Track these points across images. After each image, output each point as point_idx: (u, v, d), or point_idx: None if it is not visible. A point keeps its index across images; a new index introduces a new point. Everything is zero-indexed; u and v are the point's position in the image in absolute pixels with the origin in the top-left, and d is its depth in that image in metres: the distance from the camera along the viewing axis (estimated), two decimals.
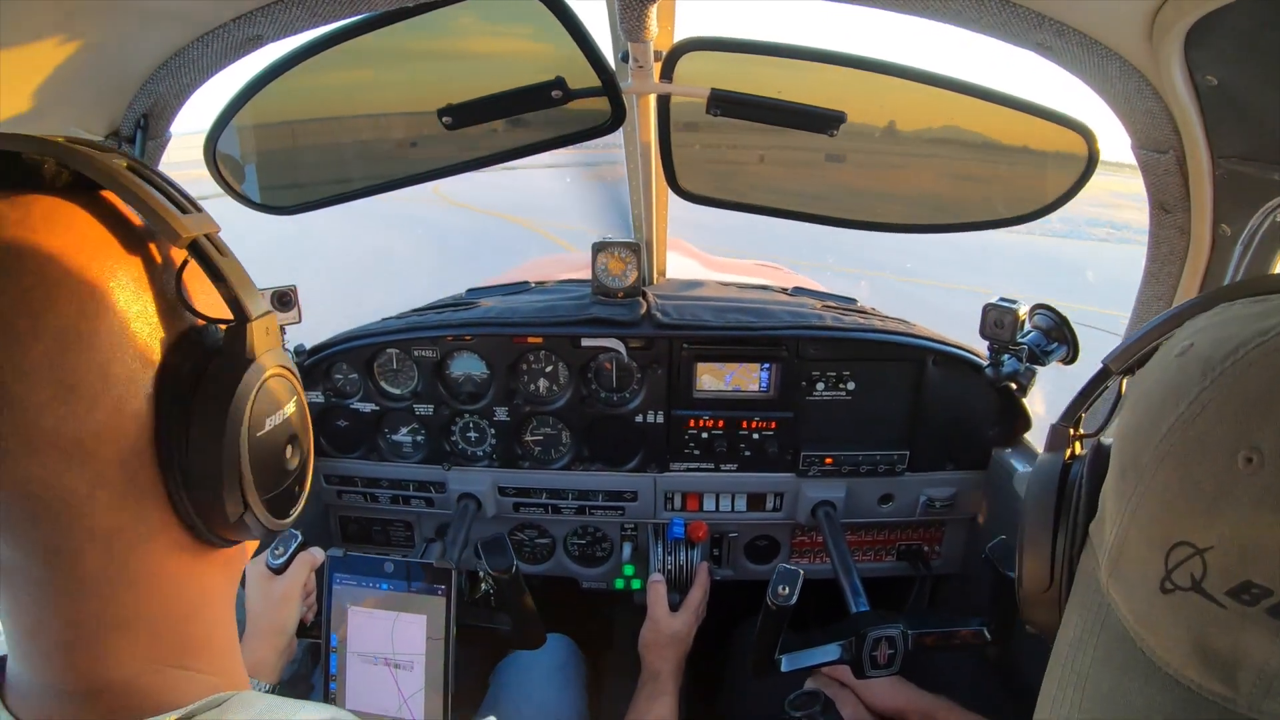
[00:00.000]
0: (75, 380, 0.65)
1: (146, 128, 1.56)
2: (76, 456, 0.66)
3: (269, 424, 0.78)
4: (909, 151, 2.03)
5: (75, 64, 1.32)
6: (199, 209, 0.76)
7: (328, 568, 1.76)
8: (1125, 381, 0.86)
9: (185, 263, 0.75)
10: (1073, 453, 0.92)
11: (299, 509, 0.87)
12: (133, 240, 0.71)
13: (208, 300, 0.77)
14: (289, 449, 0.82)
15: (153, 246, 0.73)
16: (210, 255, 0.75)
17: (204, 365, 0.73)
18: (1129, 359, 0.83)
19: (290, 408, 0.82)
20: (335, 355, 2.47)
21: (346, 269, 13.22)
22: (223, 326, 0.76)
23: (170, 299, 0.73)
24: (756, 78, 1.78)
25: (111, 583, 0.71)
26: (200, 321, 0.76)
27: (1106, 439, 0.75)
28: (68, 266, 0.65)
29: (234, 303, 0.75)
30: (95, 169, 0.69)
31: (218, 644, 0.83)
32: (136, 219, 0.73)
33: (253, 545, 0.89)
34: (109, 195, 0.72)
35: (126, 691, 0.73)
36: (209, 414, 0.72)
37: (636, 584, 2.61)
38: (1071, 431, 0.93)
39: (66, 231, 0.67)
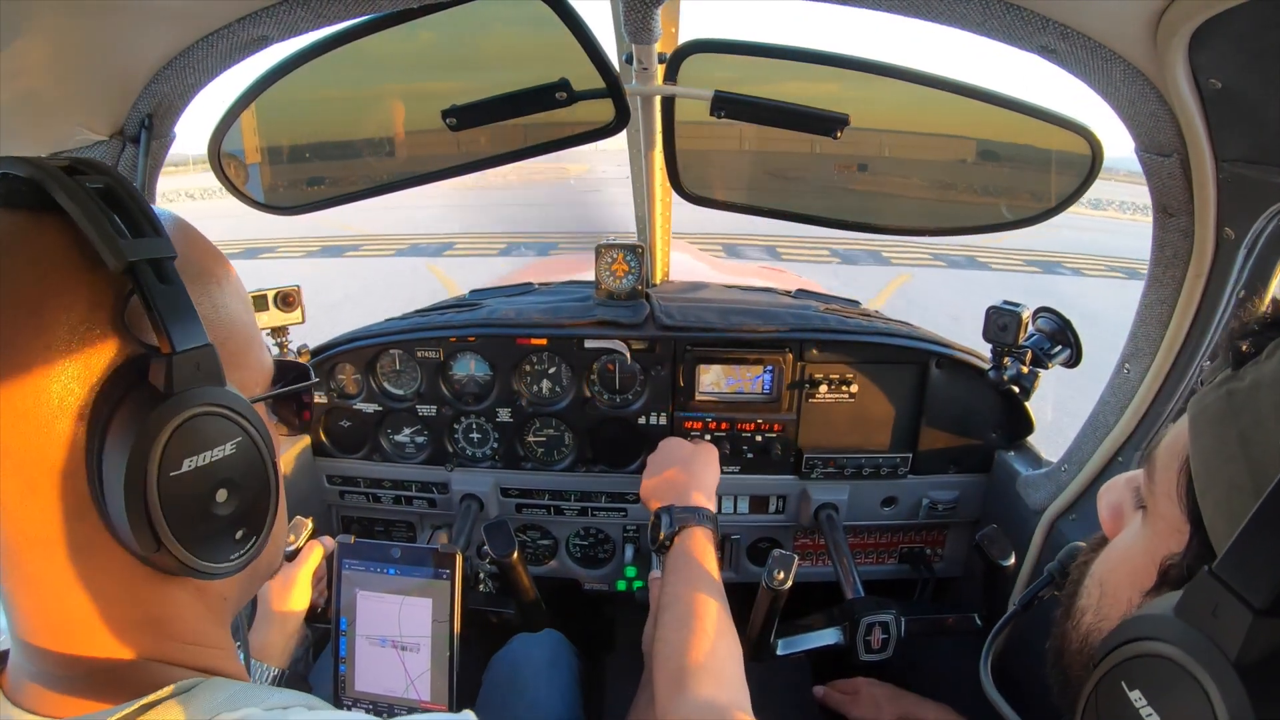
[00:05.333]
0: (7, 395, 0.67)
1: (151, 127, 1.56)
2: (8, 466, 0.68)
3: (187, 465, 0.74)
4: (912, 154, 2.03)
5: (80, 63, 1.32)
6: (159, 233, 0.75)
7: (337, 554, 1.79)
8: None
9: (132, 289, 0.73)
10: None
11: (247, 553, 0.83)
12: (88, 263, 0.72)
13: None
14: (220, 492, 0.79)
15: (108, 270, 0.72)
16: (145, 282, 0.72)
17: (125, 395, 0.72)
18: None
19: (227, 450, 0.79)
20: (338, 355, 2.47)
21: None
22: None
23: (123, 323, 0.73)
24: (760, 80, 1.78)
25: (59, 586, 0.74)
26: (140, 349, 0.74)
27: None
28: (10, 286, 0.68)
29: (160, 333, 0.72)
30: (53, 189, 0.70)
31: (203, 642, 0.84)
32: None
33: (224, 582, 0.86)
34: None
35: (107, 679, 0.76)
36: (115, 447, 0.71)
37: (639, 585, 2.61)
38: None
39: (22, 250, 0.69)
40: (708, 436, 2.47)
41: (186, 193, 30.08)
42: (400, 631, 1.76)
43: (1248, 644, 0.59)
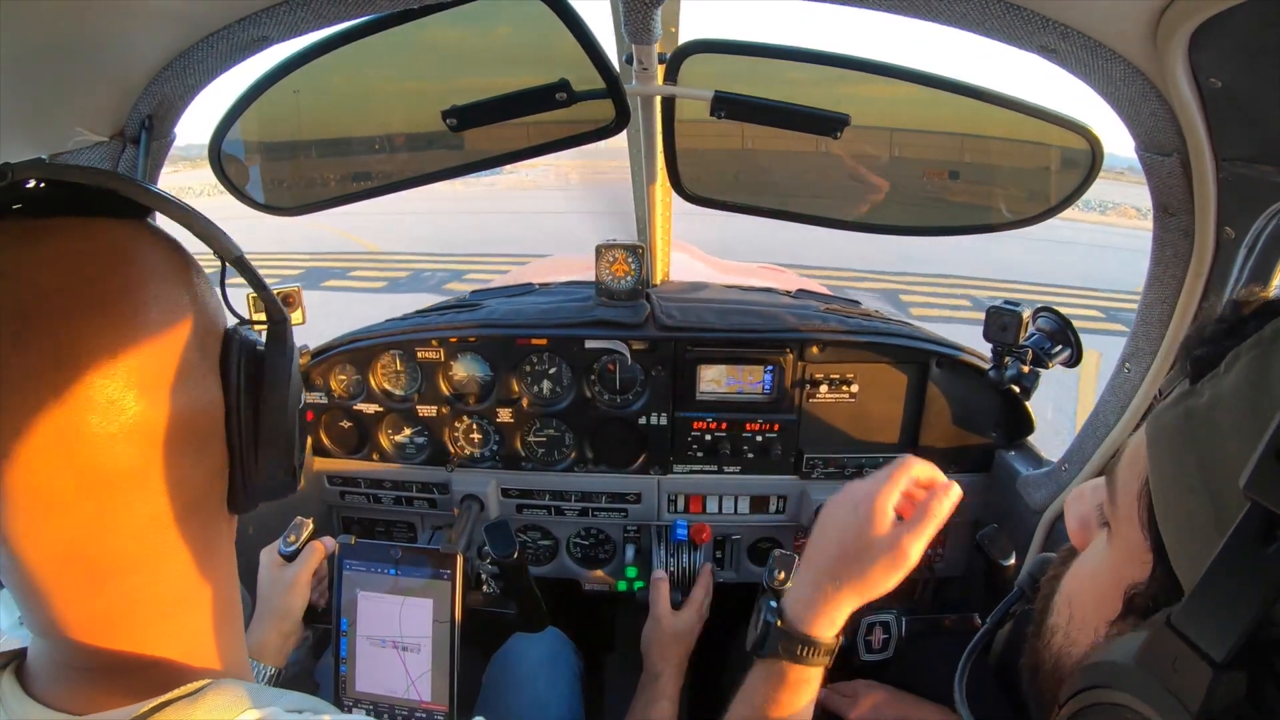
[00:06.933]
0: (170, 400, 0.75)
1: (151, 128, 1.56)
2: (172, 436, 0.76)
3: (303, 398, 0.93)
4: (913, 154, 2.03)
5: (80, 64, 1.32)
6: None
7: (338, 555, 1.80)
8: None
9: (223, 274, 0.89)
10: None
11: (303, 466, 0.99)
12: (183, 259, 0.82)
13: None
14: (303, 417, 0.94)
15: (191, 263, 0.83)
16: (250, 268, 0.86)
17: (255, 355, 0.85)
18: None
19: (295, 379, 0.93)
20: (338, 356, 2.47)
21: None
22: (257, 326, 0.89)
23: (212, 306, 0.84)
24: (761, 80, 1.78)
25: (170, 567, 0.80)
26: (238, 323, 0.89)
27: None
28: (147, 296, 0.75)
29: (273, 305, 0.88)
30: (150, 200, 0.78)
31: (225, 628, 0.88)
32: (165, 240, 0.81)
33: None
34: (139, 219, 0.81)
35: (133, 674, 0.78)
36: (277, 391, 0.85)
37: (639, 585, 2.61)
38: None
39: (144, 260, 0.77)
40: (708, 437, 2.48)
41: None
42: (401, 632, 1.76)
43: (1209, 698, 0.58)
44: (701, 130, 2.03)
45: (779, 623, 1.34)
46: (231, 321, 0.88)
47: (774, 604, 1.35)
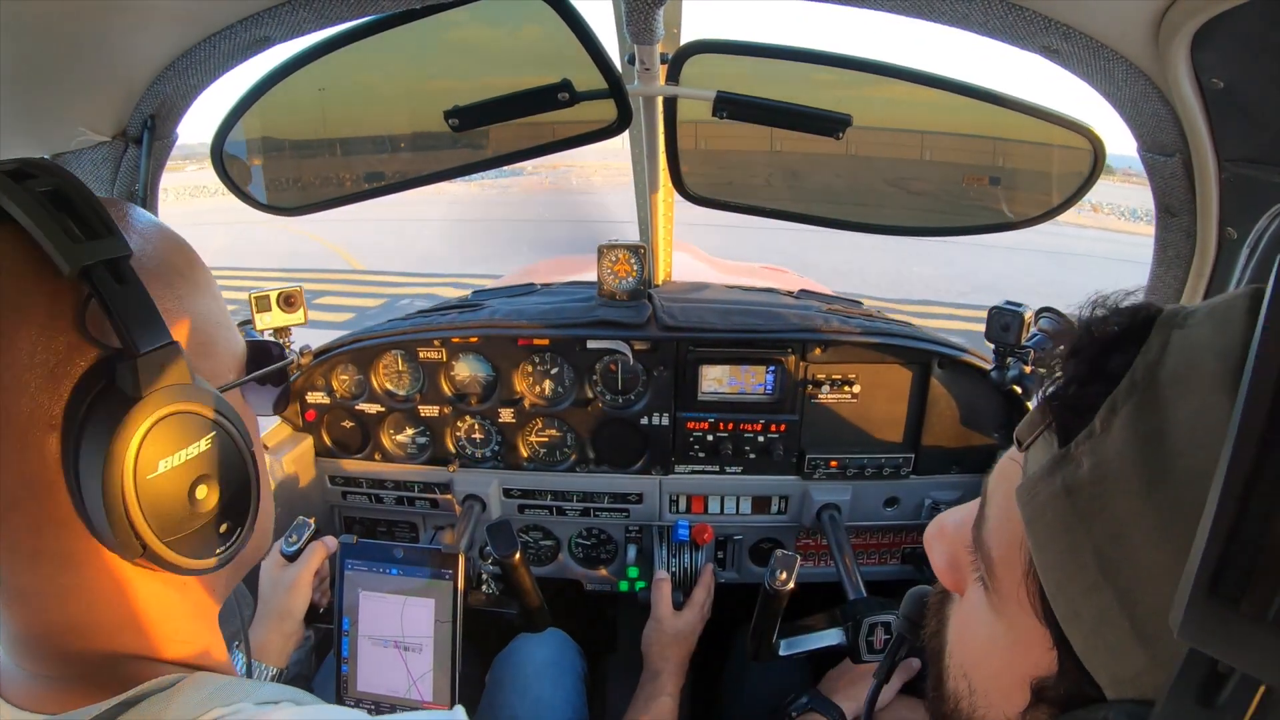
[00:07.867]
0: None
1: (154, 128, 1.56)
2: None
3: (163, 466, 0.73)
4: (914, 155, 2.03)
5: (83, 65, 1.32)
6: (112, 233, 0.73)
7: (340, 555, 1.80)
8: None
9: (90, 292, 0.71)
10: None
11: (233, 546, 0.83)
12: (44, 270, 0.70)
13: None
14: (199, 489, 0.78)
15: (65, 276, 0.70)
16: (101, 285, 0.70)
17: (114, 401, 0.71)
18: None
19: (201, 446, 0.77)
20: (340, 356, 2.47)
21: None
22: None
23: (84, 328, 0.72)
24: (763, 80, 1.78)
25: (47, 595, 0.75)
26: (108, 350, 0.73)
27: None
28: None
29: (123, 335, 0.71)
30: None
31: (191, 637, 0.85)
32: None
33: (211, 576, 0.87)
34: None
35: (95, 677, 0.77)
36: (90, 456, 0.70)
37: (641, 585, 2.61)
38: None
39: None
40: (710, 437, 2.48)
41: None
42: (403, 632, 1.77)
43: None
44: (704, 131, 2.03)
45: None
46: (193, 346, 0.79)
47: None
